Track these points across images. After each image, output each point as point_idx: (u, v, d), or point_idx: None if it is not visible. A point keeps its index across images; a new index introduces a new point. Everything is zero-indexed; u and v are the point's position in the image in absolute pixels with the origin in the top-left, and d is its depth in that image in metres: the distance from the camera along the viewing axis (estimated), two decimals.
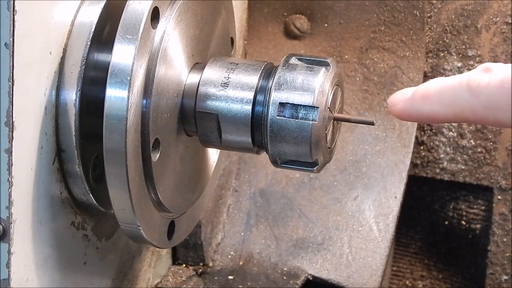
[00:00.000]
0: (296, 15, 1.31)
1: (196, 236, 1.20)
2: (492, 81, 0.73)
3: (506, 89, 0.72)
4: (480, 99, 0.74)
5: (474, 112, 0.74)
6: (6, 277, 0.81)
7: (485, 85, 0.74)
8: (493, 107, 0.73)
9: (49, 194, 0.86)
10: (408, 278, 1.40)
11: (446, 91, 0.77)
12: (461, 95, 0.75)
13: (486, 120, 0.74)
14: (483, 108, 0.74)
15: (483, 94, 0.74)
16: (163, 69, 0.86)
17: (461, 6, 1.29)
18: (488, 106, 0.73)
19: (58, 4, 0.84)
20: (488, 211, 1.31)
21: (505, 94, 0.72)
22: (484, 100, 0.74)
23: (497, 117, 0.73)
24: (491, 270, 1.30)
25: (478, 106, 0.74)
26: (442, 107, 0.77)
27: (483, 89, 0.74)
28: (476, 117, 0.75)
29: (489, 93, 0.73)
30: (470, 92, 0.74)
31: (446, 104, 0.76)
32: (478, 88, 0.74)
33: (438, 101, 0.77)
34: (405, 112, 0.80)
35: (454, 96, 0.76)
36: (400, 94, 0.81)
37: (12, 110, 0.78)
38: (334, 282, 1.20)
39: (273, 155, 0.89)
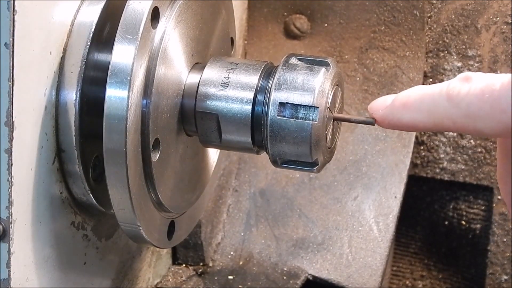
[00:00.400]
0: (296, 15, 1.31)
1: (196, 236, 1.20)
2: (472, 90, 0.73)
3: (486, 99, 0.72)
4: (459, 108, 0.73)
5: (454, 121, 0.74)
6: (6, 277, 0.81)
7: (465, 94, 0.73)
8: (473, 116, 0.73)
9: (49, 194, 0.86)
10: (408, 278, 1.40)
11: (426, 99, 0.76)
12: (441, 104, 0.75)
13: (466, 129, 0.74)
14: (462, 117, 0.73)
15: (463, 103, 0.73)
16: (163, 69, 0.86)
17: (461, 6, 1.29)
18: (468, 115, 0.73)
19: (58, 4, 0.84)
20: (488, 211, 1.31)
21: (484, 103, 0.72)
22: (464, 109, 0.73)
23: (477, 127, 0.73)
24: (491, 270, 1.30)
25: (458, 115, 0.74)
26: (421, 116, 0.76)
27: (462, 98, 0.73)
28: (456, 126, 0.74)
29: (469, 102, 0.73)
30: (449, 101, 0.74)
31: (426, 112, 0.76)
32: (457, 97, 0.74)
33: (418, 110, 0.77)
34: (385, 120, 0.79)
35: (433, 105, 0.76)
36: (380, 101, 0.81)
37: (12, 110, 0.78)
38: (334, 282, 1.20)
39: (273, 155, 0.89)
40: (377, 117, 0.80)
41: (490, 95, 0.72)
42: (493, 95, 0.72)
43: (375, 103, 0.81)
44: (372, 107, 0.81)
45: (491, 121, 0.72)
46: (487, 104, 0.72)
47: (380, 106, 0.80)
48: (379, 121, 0.80)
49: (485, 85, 0.72)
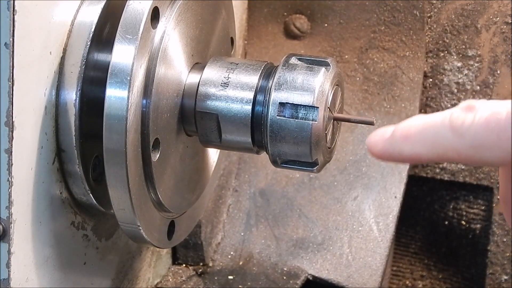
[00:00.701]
0: (296, 15, 1.31)
1: (196, 236, 1.20)
2: (477, 120, 0.70)
3: (492, 128, 0.69)
4: (464, 139, 0.71)
5: (459, 153, 0.71)
6: (6, 277, 0.81)
7: (469, 124, 0.71)
8: (479, 147, 0.70)
9: (49, 194, 0.86)
10: (408, 278, 1.40)
11: (428, 130, 0.73)
12: (444, 135, 0.72)
13: (472, 160, 0.71)
14: (468, 148, 0.71)
15: (468, 134, 0.71)
16: (163, 69, 0.86)
17: (461, 6, 1.29)
18: (474, 146, 0.70)
19: (58, 4, 0.84)
20: (488, 211, 1.31)
21: (491, 133, 0.69)
22: (469, 140, 0.70)
23: (483, 157, 0.70)
24: (491, 270, 1.30)
25: (463, 146, 0.71)
26: (424, 148, 0.74)
27: (467, 128, 0.71)
28: (461, 157, 0.71)
29: (474, 132, 0.70)
30: (453, 132, 0.71)
31: (429, 144, 0.73)
32: (462, 128, 0.71)
33: (420, 142, 0.74)
34: (386, 153, 0.76)
35: (436, 136, 0.73)
36: (378, 134, 0.76)
37: (12, 110, 0.78)
38: (334, 282, 1.20)
39: (273, 155, 0.89)
40: (377, 152, 0.76)
41: (496, 124, 0.69)
42: (500, 124, 0.69)
43: (373, 136, 0.76)
44: (370, 141, 0.76)
45: (498, 151, 0.70)
46: (494, 134, 0.69)
47: (380, 139, 0.77)
48: (379, 155, 0.76)
49: (490, 114, 0.70)
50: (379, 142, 0.76)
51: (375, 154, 0.77)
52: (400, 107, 1.28)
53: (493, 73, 1.29)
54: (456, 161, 0.73)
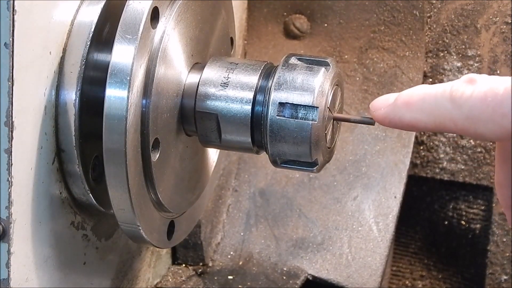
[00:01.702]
0: (295, 15, 1.31)
1: (195, 236, 1.20)
2: (475, 93, 0.73)
3: (489, 102, 0.71)
4: (462, 110, 0.73)
5: (455, 123, 0.74)
6: (6, 277, 0.81)
7: (468, 96, 0.73)
8: (475, 119, 0.72)
9: (48, 194, 0.86)
10: (407, 278, 1.40)
11: (429, 99, 0.76)
12: (443, 105, 0.74)
13: (466, 131, 0.73)
14: (464, 119, 0.73)
15: (465, 105, 0.73)
16: (163, 69, 0.86)
17: (460, 6, 1.29)
18: (470, 117, 0.73)
19: (58, 4, 0.84)
20: (488, 211, 1.31)
21: (487, 107, 0.72)
22: (466, 111, 0.73)
23: (477, 130, 0.73)
24: (490, 270, 1.30)
25: (460, 117, 0.73)
26: (423, 115, 0.76)
27: (465, 100, 0.73)
28: (457, 127, 0.74)
29: (472, 104, 0.72)
30: (452, 103, 0.74)
31: (428, 112, 0.76)
32: (460, 99, 0.73)
33: (420, 109, 0.76)
34: (387, 118, 0.79)
35: (436, 105, 0.75)
36: (382, 99, 0.80)
37: (11, 110, 0.78)
38: (333, 282, 1.20)
39: (272, 155, 0.89)
40: (379, 115, 0.80)
41: (492, 98, 0.71)
42: (496, 99, 0.71)
43: (377, 101, 0.81)
44: (373, 105, 0.81)
45: (492, 125, 0.71)
46: (489, 108, 0.71)
47: (382, 104, 0.80)
48: (380, 119, 0.80)
49: (489, 88, 0.72)
50: (382, 107, 0.79)
51: (377, 118, 0.80)
52: None
53: (493, 73, 1.29)
54: (452, 131, 0.75)
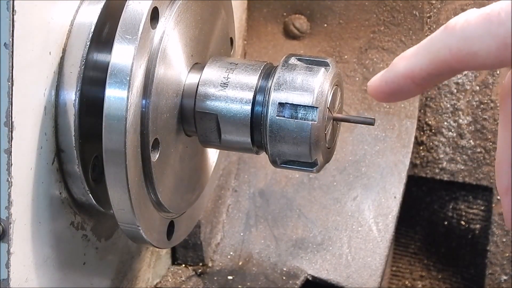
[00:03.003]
0: (295, 15, 1.31)
1: (195, 236, 1.20)
2: (470, 16, 0.70)
3: (485, 16, 0.69)
4: (455, 32, 0.70)
5: (450, 48, 0.70)
6: (5, 277, 0.81)
7: (463, 21, 0.70)
8: (470, 36, 0.69)
9: (48, 194, 0.86)
10: (407, 278, 1.40)
11: (424, 42, 0.74)
12: (438, 37, 0.72)
13: (461, 54, 0.70)
14: (458, 40, 0.70)
15: (460, 28, 0.70)
16: (163, 69, 0.86)
17: (460, 6, 1.29)
18: (464, 36, 0.70)
19: (58, 4, 0.84)
20: (488, 211, 1.31)
21: (483, 19, 0.69)
22: (460, 33, 0.70)
23: (472, 49, 0.69)
24: (490, 270, 1.30)
25: (453, 40, 0.70)
26: (418, 58, 0.73)
27: (460, 25, 0.70)
28: (452, 53, 0.70)
29: (466, 24, 0.70)
30: (446, 31, 0.71)
31: (423, 52, 0.73)
32: (455, 25, 0.71)
33: (415, 54, 0.74)
34: (382, 81, 0.76)
35: (431, 42, 0.73)
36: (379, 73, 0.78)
37: (11, 110, 0.78)
38: (333, 282, 1.20)
39: (272, 155, 0.89)
40: (375, 82, 0.76)
41: (490, 11, 0.69)
42: (494, 11, 0.69)
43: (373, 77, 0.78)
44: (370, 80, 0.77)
45: (489, 38, 0.69)
46: (486, 21, 0.69)
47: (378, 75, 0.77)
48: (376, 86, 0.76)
49: (486, 7, 0.70)
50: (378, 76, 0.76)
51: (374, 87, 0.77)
52: (399, 107, 1.28)
53: (492, 73, 1.29)
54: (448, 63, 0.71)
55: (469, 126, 1.29)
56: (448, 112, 1.30)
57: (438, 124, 1.31)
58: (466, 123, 1.29)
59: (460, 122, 1.30)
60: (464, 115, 1.29)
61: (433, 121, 1.31)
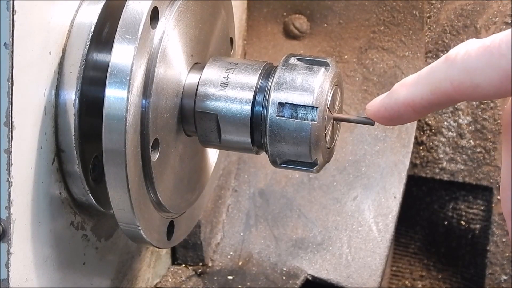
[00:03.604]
0: (295, 15, 1.31)
1: (195, 236, 1.20)
2: (471, 46, 0.70)
3: (486, 48, 0.69)
4: (456, 65, 0.71)
5: (452, 81, 0.71)
6: (5, 277, 0.81)
7: (463, 52, 0.71)
8: (471, 68, 0.70)
9: (48, 194, 0.86)
10: (407, 278, 1.40)
11: (423, 72, 0.74)
12: (439, 68, 0.72)
13: (463, 86, 0.70)
14: (459, 72, 0.70)
15: (461, 60, 0.71)
16: (163, 69, 0.86)
17: (460, 6, 1.29)
18: (466, 69, 0.70)
19: (58, 4, 0.84)
20: (488, 211, 1.31)
21: (484, 51, 0.69)
22: (461, 64, 0.70)
23: (474, 80, 0.70)
24: (490, 270, 1.30)
25: (455, 72, 0.71)
26: (418, 87, 0.74)
27: (461, 56, 0.71)
28: (453, 85, 0.71)
29: (467, 56, 0.70)
30: (447, 63, 0.72)
31: (423, 83, 0.73)
32: (456, 57, 0.71)
33: (415, 83, 0.74)
34: (382, 106, 0.77)
35: (431, 72, 0.73)
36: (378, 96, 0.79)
37: (11, 110, 0.78)
38: (333, 282, 1.20)
39: (272, 155, 0.89)
40: (374, 107, 0.78)
41: (490, 43, 0.69)
42: (494, 43, 0.69)
43: (372, 100, 0.79)
44: (369, 104, 0.79)
45: (490, 69, 0.69)
46: (487, 53, 0.69)
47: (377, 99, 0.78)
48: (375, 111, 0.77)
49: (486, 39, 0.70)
50: (377, 101, 0.77)
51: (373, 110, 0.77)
52: None
53: None
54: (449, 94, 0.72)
55: (469, 126, 1.29)
56: (448, 112, 1.30)
57: (438, 124, 1.31)
58: (466, 123, 1.29)
59: (460, 122, 1.30)
60: (464, 115, 1.29)
61: (433, 121, 1.31)
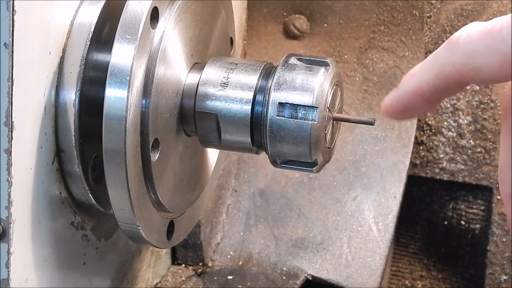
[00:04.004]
0: (295, 15, 1.31)
1: (195, 236, 1.20)
2: (472, 31, 0.71)
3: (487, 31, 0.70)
4: (459, 49, 0.72)
5: (453, 64, 0.72)
6: (5, 277, 0.81)
7: (465, 36, 0.71)
8: (473, 52, 0.70)
9: (48, 194, 0.86)
10: (407, 278, 1.40)
11: (429, 59, 0.75)
12: (441, 53, 0.73)
13: (465, 69, 0.71)
14: (461, 56, 0.71)
15: (462, 43, 0.71)
16: (163, 69, 0.86)
17: (460, 6, 1.29)
18: (467, 52, 0.71)
19: (58, 4, 0.84)
20: (488, 211, 1.31)
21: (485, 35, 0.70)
22: (463, 47, 0.71)
23: (475, 63, 0.70)
24: (490, 270, 1.30)
25: (457, 55, 0.72)
26: (424, 75, 0.74)
27: (462, 40, 0.72)
28: (456, 68, 0.72)
29: (469, 40, 0.71)
30: (449, 47, 0.73)
31: (428, 68, 0.74)
32: (458, 40, 0.72)
33: (421, 72, 0.75)
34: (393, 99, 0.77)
35: (435, 58, 0.74)
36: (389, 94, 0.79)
37: (11, 110, 0.78)
38: (333, 282, 1.20)
39: (272, 155, 0.89)
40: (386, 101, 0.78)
41: (492, 27, 0.70)
42: (495, 27, 0.70)
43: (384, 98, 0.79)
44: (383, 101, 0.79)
45: (491, 53, 0.70)
46: (488, 37, 0.70)
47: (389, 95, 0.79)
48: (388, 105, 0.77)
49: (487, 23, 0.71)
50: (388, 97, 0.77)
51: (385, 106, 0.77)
52: None
53: None
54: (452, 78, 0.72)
55: (469, 126, 1.29)
56: (448, 112, 1.30)
57: (438, 124, 1.31)
58: (466, 123, 1.29)
59: (460, 122, 1.30)
60: (464, 115, 1.29)
61: (433, 121, 1.31)
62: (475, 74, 0.71)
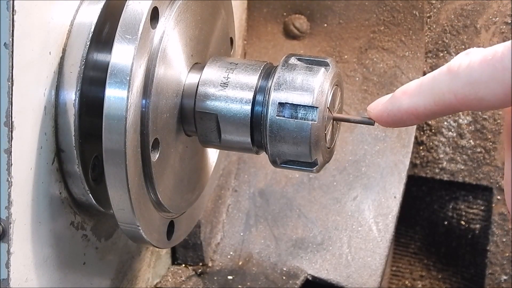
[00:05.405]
0: (295, 15, 1.31)
1: (195, 236, 1.20)
2: (473, 59, 0.71)
3: (489, 61, 0.70)
4: (460, 78, 0.71)
5: (455, 93, 0.72)
6: (5, 277, 0.81)
7: (466, 64, 0.71)
8: (475, 82, 0.70)
9: (48, 194, 0.86)
10: (407, 278, 1.40)
11: (426, 81, 0.74)
12: (442, 80, 0.73)
13: (467, 99, 0.71)
14: (463, 86, 0.71)
15: (464, 72, 0.71)
16: (163, 69, 0.86)
17: (460, 6, 1.29)
18: (469, 82, 0.71)
19: (58, 4, 0.84)
20: (488, 211, 1.31)
21: (487, 65, 0.70)
22: (465, 77, 0.71)
23: (479, 94, 0.70)
24: (490, 270, 1.30)
25: (459, 85, 0.71)
26: (421, 97, 0.74)
27: (464, 68, 0.71)
28: (458, 98, 0.72)
29: (470, 70, 0.71)
30: (450, 75, 0.72)
31: (426, 93, 0.74)
32: (459, 69, 0.72)
33: (418, 92, 0.75)
34: (385, 111, 0.77)
35: (434, 83, 0.74)
36: (379, 99, 0.79)
37: (11, 110, 0.78)
38: (333, 282, 1.20)
39: (272, 155, 0.89)
40: (377, 111, 0.78)
41: (492, 57, 0.70)
42: (496, 56, 0.70)
43: (373, 102, 0.80)
44: (370, 105, 0.80)
45: (493, 83, 0.70)
46: (489, 66, 0.70)
47: (379, 102, 0.79)
48: (378, 114, 0.78)
49: (487, 51, 0.71)
50: (379, 103, 0.78)
51: (375, 114, 0.78)
52: None
53: None
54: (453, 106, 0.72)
55: (469, 126, 1.29)
56: None
57: (438, 124, 1.31)
58: (466, 123, 1.29)
59: (460, 122, 1.30)
60: (464, 115, 1.29)
61: (433, 121, 1.31)
62: (478, 104, 0.72)
